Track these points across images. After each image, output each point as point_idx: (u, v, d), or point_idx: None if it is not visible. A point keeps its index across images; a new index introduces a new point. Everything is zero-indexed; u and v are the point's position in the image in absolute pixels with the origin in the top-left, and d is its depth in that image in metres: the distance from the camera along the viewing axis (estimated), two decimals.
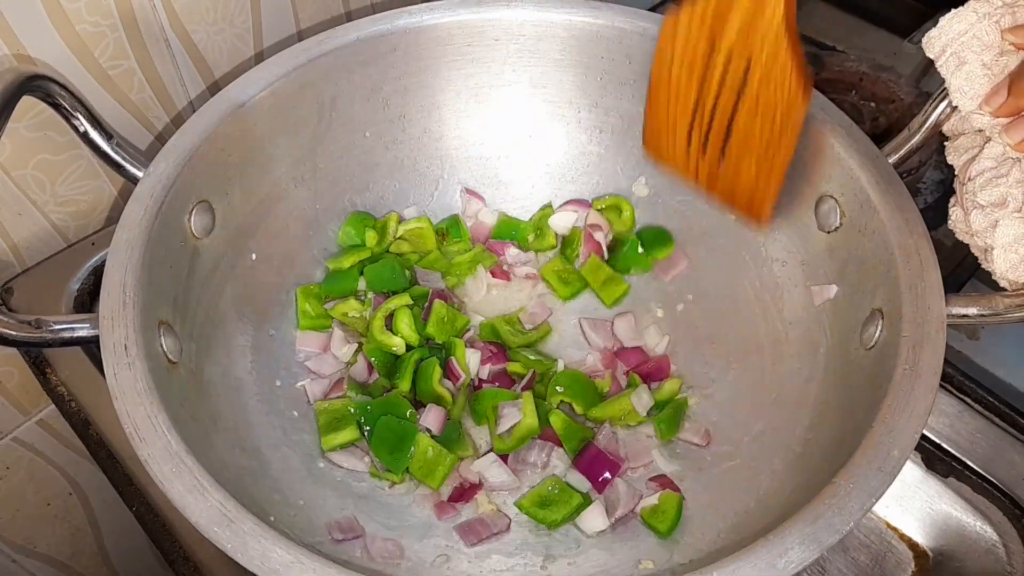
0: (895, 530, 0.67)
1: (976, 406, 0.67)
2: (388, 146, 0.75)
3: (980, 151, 0.55)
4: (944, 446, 0.66)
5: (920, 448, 0.66)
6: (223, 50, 0.79)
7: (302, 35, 0.85)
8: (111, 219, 0.80)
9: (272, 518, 0.48)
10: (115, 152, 0.59)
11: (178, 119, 0.79)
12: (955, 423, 0.67)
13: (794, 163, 0.63)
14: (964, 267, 0.77)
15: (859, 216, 0.59)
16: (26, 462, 0.87)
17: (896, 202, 0.57)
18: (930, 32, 0.55)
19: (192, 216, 0.59)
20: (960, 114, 0.56)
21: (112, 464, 0.63)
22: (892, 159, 0.61)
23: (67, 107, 0.58)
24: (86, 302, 0.72)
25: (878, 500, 0.45)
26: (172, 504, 0.44)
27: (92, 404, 0.66)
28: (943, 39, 0.54)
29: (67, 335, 0.51)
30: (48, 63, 0.68)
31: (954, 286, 0.77)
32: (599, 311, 0.75)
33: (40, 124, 0.70)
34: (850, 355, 0.58)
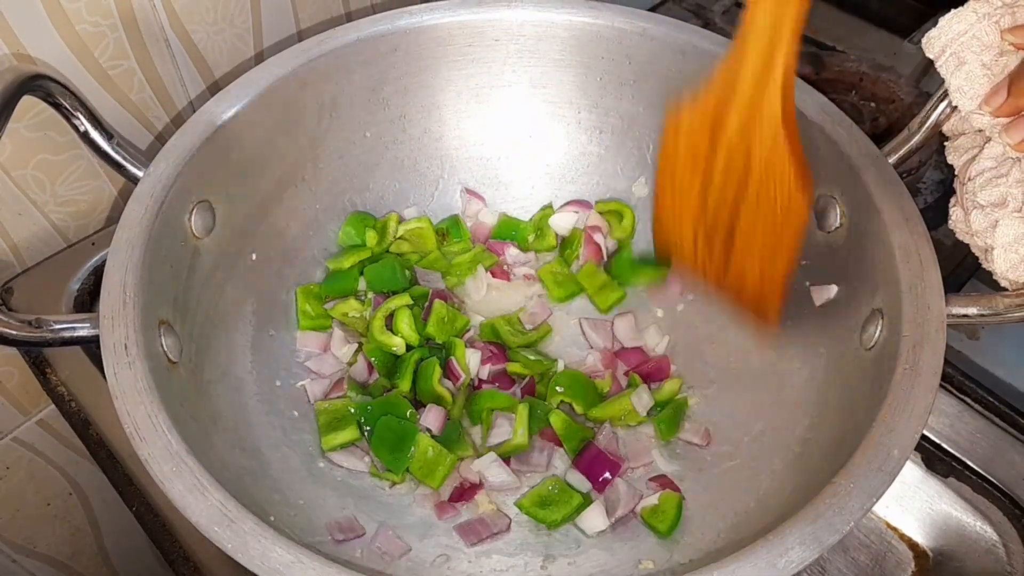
0: (895, 530, 0.67)
1: (976, 406, 0.67)
2: (388, 146, 0.75)
3: (980, 151, 0.55)
4: (944, 446, 0.66)
5: (920, 448, 0.66)
6: (223, 50, 0.79)
7: (302, 35, 0.85)
8: (111, 219, 0.80)
9: (272, 518, 0.48)
10: (115, 152, 0.59)
11: (178, 119, 0.79)
12: (955, 423, 0.67)
13: None
14: (964, 267, 0.77)
15: (859, 216, 0.59)
16: (26, 462, 0.87)
17: (896, 202, 0.57)
18: (930, 32, 0.55)
19: (192, 216, 0.59)
20: (960, 114, 0.56)
21: (112, 464, 0.63)
22: (892, 159, 0.61)
23: (67, 107, 0.58)
24: (86, 302, 0.72)
25: (878, 500, 0.45)
26: (172, 504, 0.44)
27: (92, 404, 0.66)
28: (943, 39, 0.54)
29: (67, 335, 0.51)
30: (48, 63, 0.68)
31: (954, 286, 0.77)
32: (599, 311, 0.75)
33: (40, 124, 0.70)
34: (850, 355, 0.58)
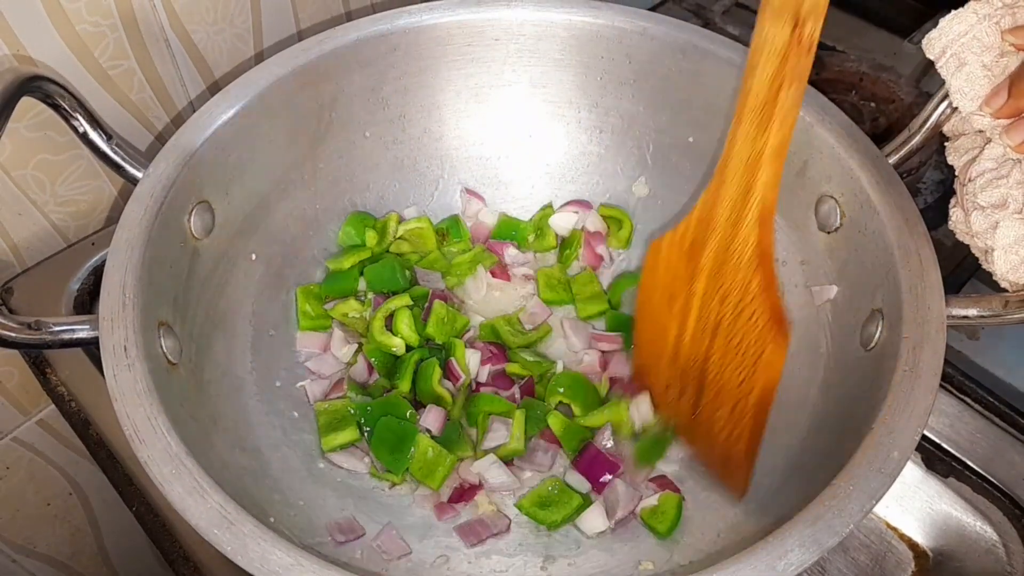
0: (895, 530, 0.67)
1: (976, 406, 0.67)
2: (388, 146, 0.74)
3: (980, 152, 0.55)
4: (944, 446, 0.66)
5: (920, 448, 0.66)
6: (223, 50, 0.79)
7: (302, 35, 0.85)
8: (111, 219, 0.80)
9: (272, 519, 0.48)
10: (115, 152, 0.59)
11: (178, 119, 0.79)
12: (955, 423, 0.67)
13: (795, 163, 0.63)
14: (964, 267, 0.77)
15: (859, 216, 0.59)
16: (26, 462, 0.87)
17: (896, 202, 0.57)
18: (930, 33, 0.55)
19: (192, 216, 0.59)
20: (960, 115, 0.56)
21: (112, 464, 0.63)
22: (892, 159, 0.61)
23: (67, 108, 0.58)
24: (86, 302, 0.72)
25: (878, 501, 0.45)
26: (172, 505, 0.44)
27: (92, 404, 0.66)
28: (943, 40, 0.54)
29: (67, 337, 0.51)
30: (48, 63, 0.68)
31: (954, 286, 0.77)
32: None
33: (40, 124, 0.70)
34: (850, 356, 0.58)
